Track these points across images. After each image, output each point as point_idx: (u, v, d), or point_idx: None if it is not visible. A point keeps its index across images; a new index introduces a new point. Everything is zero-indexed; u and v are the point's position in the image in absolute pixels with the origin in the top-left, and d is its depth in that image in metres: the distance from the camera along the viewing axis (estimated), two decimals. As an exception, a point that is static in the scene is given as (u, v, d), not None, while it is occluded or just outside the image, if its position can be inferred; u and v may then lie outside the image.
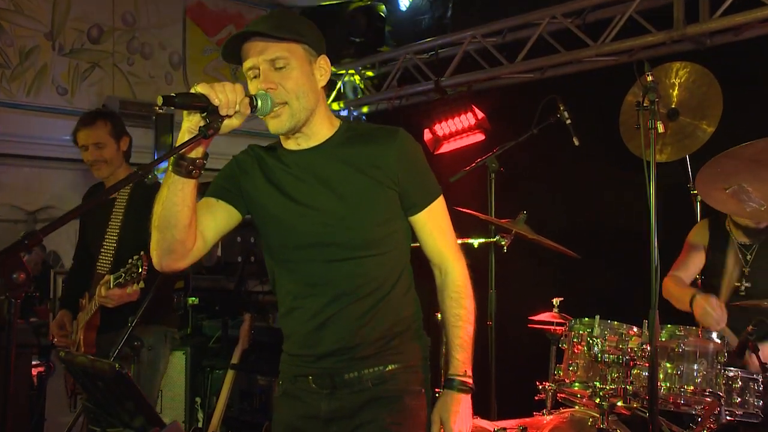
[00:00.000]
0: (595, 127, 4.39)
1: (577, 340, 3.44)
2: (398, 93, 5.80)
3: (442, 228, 2.20)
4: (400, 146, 2.09)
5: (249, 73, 2.01)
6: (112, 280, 3.15)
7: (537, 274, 4.68)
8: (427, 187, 2.16)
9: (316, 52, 2.06)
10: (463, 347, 2.16)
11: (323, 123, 2.11)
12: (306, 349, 2.12)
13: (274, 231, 2.15)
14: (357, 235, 2.08)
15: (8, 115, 5.05)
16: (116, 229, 3.51)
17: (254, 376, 4.70)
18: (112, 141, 3.56)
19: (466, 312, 2.18)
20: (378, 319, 2.09)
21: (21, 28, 5.55)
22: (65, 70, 5.74)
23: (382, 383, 2.08)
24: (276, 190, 2.12)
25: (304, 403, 2.12)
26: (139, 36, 6.14)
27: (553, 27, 4.79)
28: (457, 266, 2.20)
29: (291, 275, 2.14)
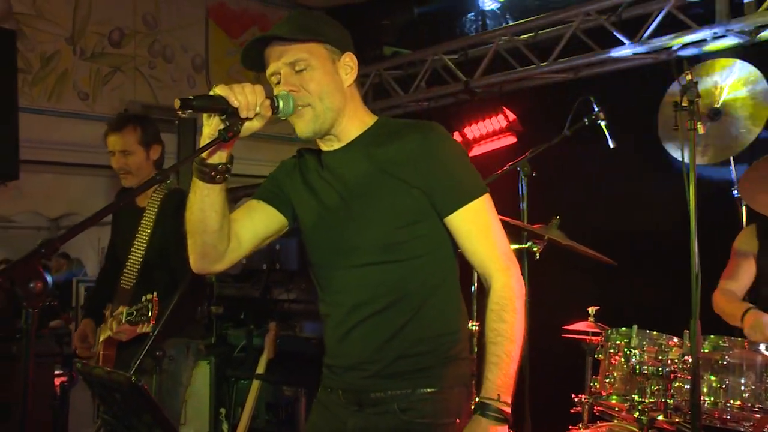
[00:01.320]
0: (632, 129, 4.33)
1: (614, 350, 3.40)
2: (427, 94, 5.78)
3: (483, 231, 1.99)
4: (426, 141, 1.99)
5: (272, 79, 2.00)
6: (124, 314, 3.12)
7: (572, 281, 4.62)
8: (461, 185, 1.99)
9: (340, 50, 2.02)
10: (500, 367, 1.89)
11: (353, 122, 2.05)
12: (333, 360, 2.09)
13: (306, 235, 2.13)
14: (375, 239, 1.99)
15: (30, 121, 5.09)
16: (144, 241, 3.46)
17: (280, 387, 4.69)
18: (140, 149, 3.48)
19: (507, 327, 1.92)
20: (405, 335, 1.98)
21: (42, 33, 5.63)
22: (86, 75, 5.80)
23: (410, 410, 1.96)
24: (309, 192, 2.10)
25: (333, 415, 2.08)
26: (160, 39, 6.18)
27: (587, 24, 4.73)
28: (502, 275, 1.96)
29: (320, 281, 2.12)
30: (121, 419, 1.78)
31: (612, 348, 3.41)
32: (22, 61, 5.45)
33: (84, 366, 1.82)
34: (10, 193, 5.05)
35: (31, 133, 5.00)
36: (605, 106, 4.06)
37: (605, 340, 3.46)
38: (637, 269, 4.41)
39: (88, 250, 6.22)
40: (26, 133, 4.72)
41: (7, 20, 5.42)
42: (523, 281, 2.01)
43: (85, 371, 1.82)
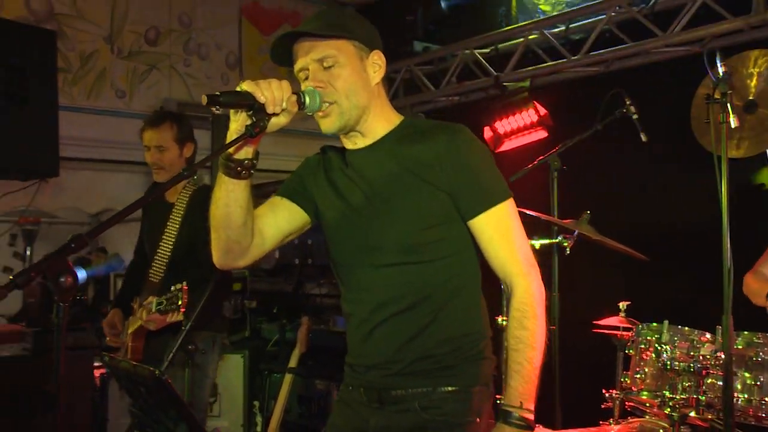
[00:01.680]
0: (665, 122, 4.26)
1: (644, 346, 3.35)
2: (457, 89, 5.73)
3: (506, 236, 1.96)
4: (453, 144, 1.96)
5: (300, 75, 1.99)
6: (154, 304, 3.16)
7: (602, 276, 4.56)
8: (486, 189, 1.97)
9: (369, 48, 2.00)
10: (522, 374, 1.88)
11: (379, 120, 2.04)
12: (356, 359, 2.08)
13: (329, 233, 2.12)
14: (399, 239, 1.97)
15: (69, 119, 5.15)
16: (172, 235, 3.51)
17: (312, 381, 4.70)
18: (174, 146, 3.54)
19: (528, 334, 1.90)
20: (427, 335, 1.96)
21: (82, 32, 5.71)
22: (123, 73, 5.87)
23: (430, 408, 1.94)
24: (332, 190, 2.09)
25: (355, 413, 2.07)
26: (195, 37, 6.23)
27: (619, 17, 4.64)
28: (523, 281, 1.93)
29: (343, 279, 2.11)
30: (148, 413, 1.80)
31: (643, 343, 3.35)
32: (63, 61, 5.53)
33: (111, 359, 1.84)
34: (51, 190, 5.12)
35: (70, 130, 5.05)
36: (637, 99, 4.00)
37: (636, 335, 3.41)
38: (668, 264, 4.33)
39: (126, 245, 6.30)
40: (66, 131, 4.77)
41: (49, 21, 5.51)
42: (543, 286, 1.98)
43: (112, 364, 1.84)
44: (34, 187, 4.53)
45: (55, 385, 1.49)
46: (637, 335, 3.40)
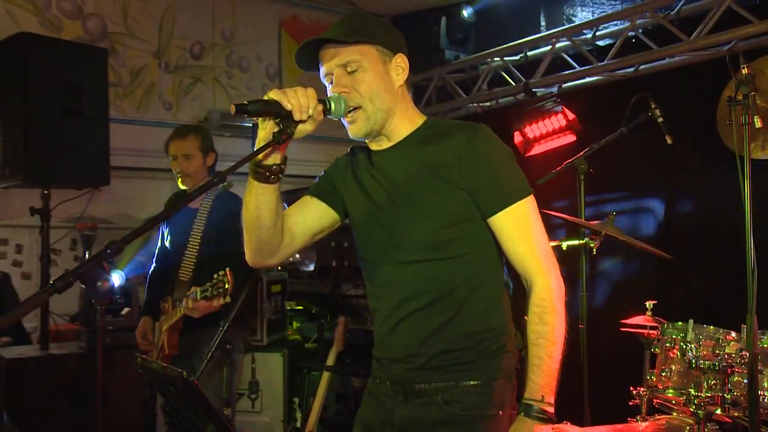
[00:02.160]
0: (690, 125, 4.19)
1: (670, 344, 3.29)
2: (488, 96, 5.71)
3: (525, 233, 1.93)
4: (471, 142, 1.93)
5: (326, 80, 1.98)
6: (198, 292, 3.24)
7: (629, 276, 4.50)
8: (504, 187, 1.93)
9: (392, 52, 1.99)
10: (542, 369, 1.85)
11: (402, 122, 2.03)
12: (382, 352, 2.09)
13: (356, 231, 2.13)
14: (423, 237, 1.95)
15: (120, 130, 5.27)
16: (197, 239, 3.64)
17: (349, 378, 4.71)
18: (199, 154, 3.71)
19: (548, 329, 1.87)
20: (449, 330, 1.95)
21: (132, 49, 5.82)
22: (170, 86, 5.97)
23: (453, 402, 1.93)
24: (359, 189, 2.10)
25: (382, 406, 2.06)
26: (237, 50, 6.31)
27: (644, 23, 4.57)
28: (542, 277, 1.91)
29: (369, 276, 2.11)
30: (179, 412, 1.80)
31: (668, 342, 3.30)
32: (114, 76, 5.66)
33: (143, 360, 1.87)
34: (103, 198, 5.24)
35: (121, 141, 5.16)
36: (662, 103, 3.94)
37: (661, 334, 3.36)
38: (694, 264, 4.27)
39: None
40: (117, 142, 4.87)
41: (102, 40, 5.64)
42: (563, 282, 1.94)
43: (143, 365, 1.86)
44: (87, 195, 4.63)
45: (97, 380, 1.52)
46: (662, 334, 3.35)
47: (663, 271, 4.12)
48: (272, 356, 4.75)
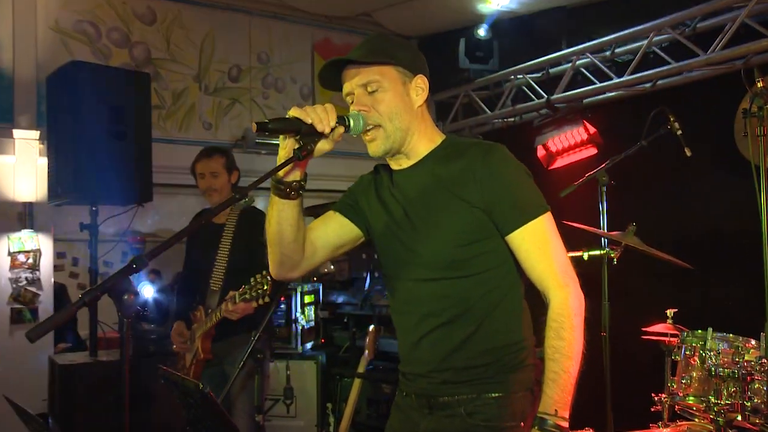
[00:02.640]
0: (708, 138, 4.14)
1: (690, 352, 3.24)
2: (511, 111, 5.70)
3: (542, 250, 1.87)
4: (486, 161, 1.88)
5: (347, 99, 1.96)
6: (237, 296, 3.32)
7: (650, 285, 4.43)
8: (521, 205, 1.88)
9: (412, 72, 1.96)
10: (558, 383, 1.79)
11: (421, 141, 1.99)
12: (406, 367, 2.06)
13: (378, 248, 2.11)
14: (439, 256, 1.92)
15: (163, 149, 5.37)
16: (226, 251, 3.73)
17: (379, 385, 4.71)
18: (225, 172, 3.81)
19: (564, 344, 1.81)
20: (470, 346, 1.92)
21: (174, 73, 5.94)
22: (210, 107, 6.07)
23: (476, 413, 1.89)
24: (381, 208, 2.08)
25: (408, 417, 2.04)
26: (272, 72, 6.39)
27: (661, 39, 4.53)
28: (560, 292, 1.85)
29: (391, 292, 2.09)
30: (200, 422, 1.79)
31: (688, 350, 3.24)
32: (158, 99, 5.78)
33: (164, 372, 1.87)
34: (147, 213, 5.34)
35: (164, 160, 5.24)
36: (681, 116, 3.90)
37: (682, 341, 3.30)
38: (714, 272, 4.20)
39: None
40: (161, 160, 4.97)
41: (147, 65, 5.77)
42: (582, 297, 1.87)
43: (164, 375, 1.86)
44: (133, 211, 4.73)
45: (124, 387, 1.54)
46: (682, 342, 3.29)
47: (683, 280, 4.05)
48: (306, 363, 4.77)
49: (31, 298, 5.21)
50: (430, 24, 5.96)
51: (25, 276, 5.20)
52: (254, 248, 3.57)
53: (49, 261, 5.35)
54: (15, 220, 5.22)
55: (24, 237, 5.21)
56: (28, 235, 5.21)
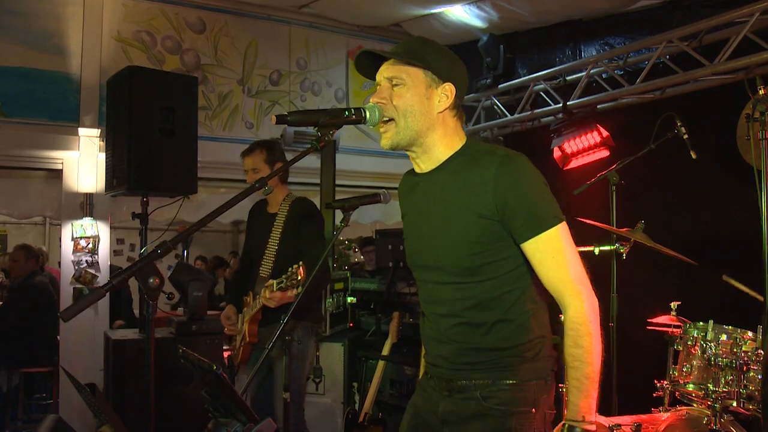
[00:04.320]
0: (712, 142, 4.08)
1: (691, 343, 3.21)
2: (530, 116, 5.65)
3: (556, 259, 1.79)
4: (499, 173, 1.80)
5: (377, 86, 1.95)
6: (274, 284, 3.27)
7: (656, 279, 4.38)
8: (535, 215, 1.80)
9: (441, 79, 1.88)
10: (581, 390, 1.74)
11: (440, 146, 1.92)
12: (429, 357, 2.06)
13: (406, 248, 2.09)
14: (455, 263, 1.87)
15: (209, 147, 5.44)
16: (276, 239, 3.69)
17: (402, 367, 4.71)
18: (265, 166, 3.74)
19: (583, 352, 1.75)
20: (487, 343, 1.88)
21: (220, 77, 6.00)
22: (252, 108, 6.11)
23: (490, 398, 1.86)
24: (409, 210, 2.07)
25: (429, 397, 2.03)
26: (309, 77, 6.42)
27: (670, 50, 4.46)
28: (575, 301, 1.78)
29: (418, 289, 2.07)
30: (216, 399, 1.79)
31: (690, 340, 3.22)
32: (205, 100, 5.85)
33: (184, 352, 1.88)
34: (193, 205, 5.42)
35: (210, 156, 5.33)
36: (687, 121, 3.85)
37: (684, 332, 3.28)
38: (716, 268, 4.12)
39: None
40: (207, 156, 5.04)
41: (196, 70, 5.84)
42: (596, 303, 1.81)
43: (183, 356, 1.85)
44: (179, 202, 4.80)
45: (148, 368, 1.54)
46: (684, 333, 3.27)
47: (687, 274, 4.00)
48: (334, 346, 4.79)
49: (90, 279, 5.33)
50: (455, 34, 5.94)
51: (86, 259, 5.32)
52: (303, 236, 3.60)
53: (106, 246, 5.46)
54: (78, 209, 5.34)
55: (85, 224, 5.32)
56: (88, 222, 5.33)
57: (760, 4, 3.86)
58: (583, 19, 5.39)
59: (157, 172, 4.38)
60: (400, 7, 5.79)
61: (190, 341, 4.23)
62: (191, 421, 3.84)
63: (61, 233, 5.41)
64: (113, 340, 4.41)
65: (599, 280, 4.06)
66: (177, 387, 4.05)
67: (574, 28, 5.44)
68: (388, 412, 4.58)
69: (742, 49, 3.99)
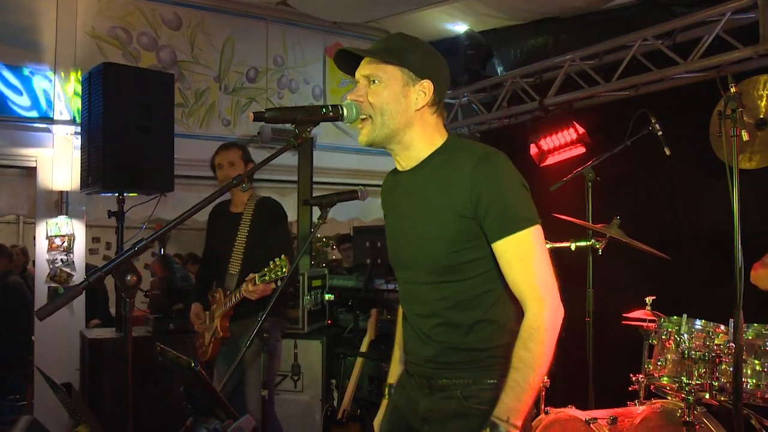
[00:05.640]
0: (685, 139, 4.13)
1: (665, 337, 3.26)
2: (507, 113, 5.68)
3: (524, 262, 1.76)
4: (476, 170, 1.78)
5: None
6: (257, 277, 3.37)
7: (631, 274, 4.42)
8: (509, 215, 1.77)
9: (418, 76, 1.86)
10: (516, 392, 1.70)
11: (419, 144, 1.90)
12: (409, 356, 2.03)
13: (388, 248, 2.07)
14: (433, 261, 1.85)
15: (186, 144, 5.39)
16: (243, 238, 3.77)
17: (380, 363, 4.70)
18: (241, 162, 3.83)
19: (531, 356, 1.71)
20: (468, 342, 1.86)
21: (196, 74, 5.94)
22: (229, 106, 6.06)
23: (471, 397, 1.85)
24: (391, 209, 2.06)
25: (409, 396, 2.02)
26: (287, 74, 6.38)
27: (645, 48, 4.51)
28: (535, 306, 1.74)
29: (400, 290, 2.06)
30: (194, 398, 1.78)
31: (664, 334, 3.27)
32: (182, 97, 5.79)
33: (161, 350, 1.86)
34: (170, 202, 5.35)
35: (187, 153, 5.26)
36: (663, 119, 3.90)
37: (658, 326, 3.32)
38: (689, 263, 4.20)
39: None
40: (183, 154, 4.98)
41: (172, 67, 5.77)
42: (560, 313, 1.77)
43: (161, 354, 1.84)
44: (156, 200, 4.75)
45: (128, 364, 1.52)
46: (659, 327, 3.32)
47: (661, 270, 4.05)
48: (312, 343, 4.77)
49: (65, 278, 5.26)
50: (432, 31, 5.94)
51: (61, 258, 5.24)
52: (269, 234, 3.71)
53: (81, 244, 5.38)
54: (52, 207, 5.26)
55: (60, 222, 5.24)
56: (63, 220, 5.25)
57: (731, 3, 3.91)
58: (560, 16, 5.43)
59: (133, 170, 4.35)
60: (376, 5, 5.79)
61: (168, 339, 4.20)
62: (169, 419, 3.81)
63: (36, 232, 5.32)
64: (89, 339, 4.37)
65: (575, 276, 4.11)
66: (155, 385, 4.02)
67: (551, 26, 5.48)
68: (366, 409, 4.56)
69: (715, 47, 4.05)
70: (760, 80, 3.40)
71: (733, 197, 2.85)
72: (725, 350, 2.98)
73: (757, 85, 3.39)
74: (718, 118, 2.97)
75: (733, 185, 2.83)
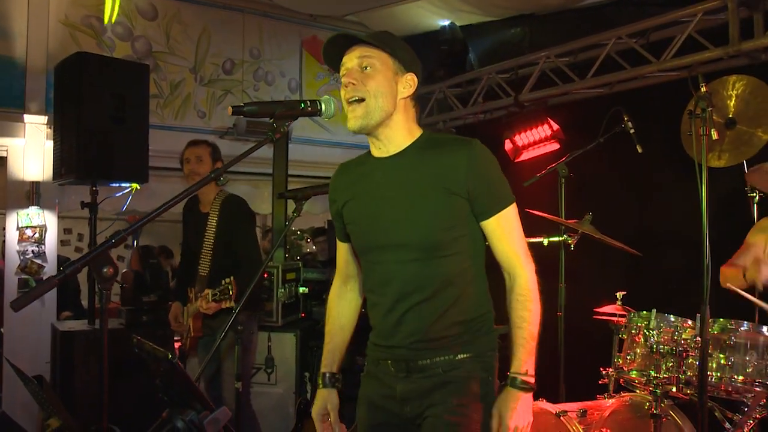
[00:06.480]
0: (658, 137, 4.18)
1: (635, 331, 3.30)
2: (482, 108, 5.71)
3: (512, 234, 2.00)
4: (471, 156, 1.94)
5: (342, 72, 1.98)
6: (210, 295, 3.42)
7: (602, 269, 4.48)
8: (497, 195, 1.98)
9: (405, 69, 1.99)
10: (526, 348, 1.94)
11: (401, 132, 2.00)
12: (384, 341, 2.04)
13: (355, 234, 2.10)
14: (424, 238, 1.95)
15: (160, 136, 5.33)
16: (211, 239, 3.75)
17: (353, 356, 4.70)
18: (209, 159, 3.83)
19: (530, 314, 1.96)
20: (449, 317, 1.97)
21: (172, 65, 5.88)
22: (204, 97, 6.02)
23: (452, 369, 1.97)
24: (359, 195, 2.07)
25: (383, 383, 2.04)
26: (263, 66, 6.34)
27: (619, 46, 4.57)
28: (524, 271, 1.98)
29: (369, 273, 2.07)
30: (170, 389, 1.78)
31: (634, 329, 3.31)
32: (157, 88, 5.73)
33: (138, 341, 1.85)
34: (145, 194, 5.31)
35: (161, 145, 5.21)
36: (636, 117, 3.94)
37: (628, 321, 3.36)
38: (659, 259, 4.26)
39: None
40: (158, 146, 4.93)
41: (147, 58, 5.71)
42: (536, 276, 2.02)
43: (138, 345, 1.84)
44: (129, 192, 4.70)
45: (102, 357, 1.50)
46: (629, 322, 3.35)
47: (632, 265, 4.10)
48: (286, 336, 4.76)
49: (36, 269, 5.18)
50: (409, 26, 5.95)
51: (32, 249, 5.16)
52: (237, 236, 3.70)
53: (53, 236, 5.31)
54: (23, 198, 5.17)
55: (31, 213, 5.16)
56: (34, 211, 5.17)
57: (703, 5, 3.98)
58: (536, 13, 5.46)
59: (107, 161, 4.29)
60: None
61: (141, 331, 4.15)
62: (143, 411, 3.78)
63: (6, 223, 5.23)
64: (61, 331, 4.30)
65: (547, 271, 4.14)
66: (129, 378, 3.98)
67: (526, 22, 5.51)
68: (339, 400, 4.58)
69: (687, 47, 4.12)
70: (729, 80, 3.44)
71: (701, 193, 2.88)
72: (692, 344, 3.03)
73: (727, 85, 3.44)
74: (689, 117, 3.00)
75: (702, 183, 2.87)
